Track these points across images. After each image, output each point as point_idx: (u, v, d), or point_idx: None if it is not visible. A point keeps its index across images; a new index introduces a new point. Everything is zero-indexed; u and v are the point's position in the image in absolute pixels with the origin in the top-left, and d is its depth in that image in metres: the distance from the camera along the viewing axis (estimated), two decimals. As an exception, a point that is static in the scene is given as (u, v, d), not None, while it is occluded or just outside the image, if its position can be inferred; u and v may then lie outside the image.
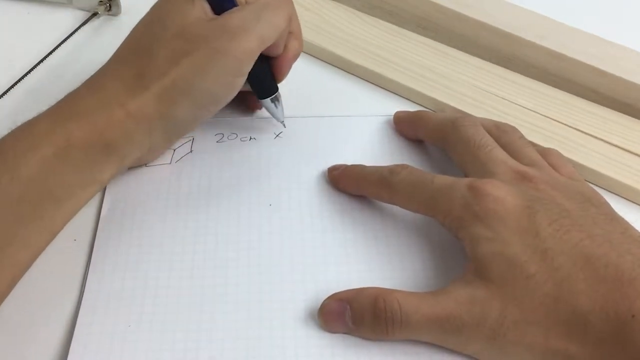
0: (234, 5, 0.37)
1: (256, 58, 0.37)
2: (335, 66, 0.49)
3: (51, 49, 0.50)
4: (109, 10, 0.53)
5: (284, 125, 0.43)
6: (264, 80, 0.41)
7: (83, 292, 0.36)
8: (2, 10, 0.54)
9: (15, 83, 0.47)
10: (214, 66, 0.36)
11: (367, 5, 0.54)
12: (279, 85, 0.42)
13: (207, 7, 0.37)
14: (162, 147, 0.40)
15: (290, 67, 0.41)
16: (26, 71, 0.48)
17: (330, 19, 0.51)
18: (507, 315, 0.31)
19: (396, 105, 0.46)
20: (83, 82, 0.38)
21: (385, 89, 0.48)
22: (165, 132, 0.38)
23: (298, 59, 0.41)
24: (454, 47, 0.49)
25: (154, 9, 0.39)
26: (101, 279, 0.36)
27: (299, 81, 0.47)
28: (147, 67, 0.36)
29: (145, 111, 0.36)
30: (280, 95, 0.42)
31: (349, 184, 0.40)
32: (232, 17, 0.37)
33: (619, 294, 0.29)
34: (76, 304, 0.35)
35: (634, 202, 0.41)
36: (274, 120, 0.44)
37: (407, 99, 0.47)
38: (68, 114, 0.36)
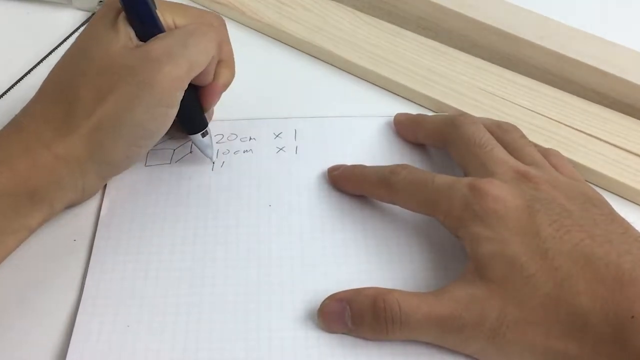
0: (160, 30, 0.36)
1: (186, 87, 0.36)
2: (335, 66, 0.49)
3: (51, 49, 0.50)
4: (109, 10, 0.53)
5: (213, 161, 0.42)
6: (192, 113, 0.39)
7: (82, 292, 0.36)
8: (2, 10, 0.54)
9: (15, 83, 0.47)
10: (142, 99, 0.34)
11: (367, 5, 0.54)
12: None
13: (132, 33, 0.35)
14: (96, 187, 0.39)
15: (219, 97, 0.39)
16: (26, 71, 0.48)
17: (330, 19, 0.51)
18: (507, 314, 0.31)
19: (396, 105, 0.46)
20: (9, 121, 0.36)
21: (385, 89, 0.48)
22: (99, 173, 0.37)
23: (298, 59, 0.41)
24: (454, 47, 0.49)
25: (77, 40, 0.37)
26: (100, 279, 0.36)
27: (299, 81, 0.48)
28: (73, 106, 0.34)
29: (74, 153, 0.34)
30: (210, 129, 0.40)
31: (349, 184, 0.40)
32: (157, 44, 0.35)
33: (619, 295, 0.29)
34: (75, 304, 0.35)
35: (634, 202, 0.41)
36: (275, 121, 0.44)
37: (407, 99, 0.47)
38: None
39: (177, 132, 0.41)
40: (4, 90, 0.47)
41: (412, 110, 0.46)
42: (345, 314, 0.33)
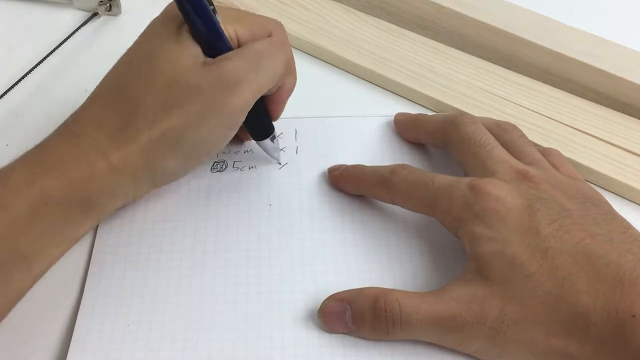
0: (229, 48, 0.35)
1: (250, 108, 0.35)
2: (335, 66, 0.49)
3: (51, 49, 0.50)
4: (109, 10, 0.53)
5: (280, 163, 0.42)
6: (260, 122, 0.39)
7: (83, 292, 0.36)
8: (2, 10, 0.54)
9: (16, 83, 0.47)
10: (208, 119, 0.34)
11: (367, 5, 0.54)
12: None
13: (198, 49, 0.34)
14: (146, 192, 0.38)
15: (285, 103, 0.39)
16: (26, 71, 0.48)
17: (330, 19, 0.51)
18: (507, 313, 0.31)
19: (396, 105, 0.46)
20: (59, 125, 0.35)
21: (385, 89, 0.48)
22: (152, 183, 0.36)
23: (298, 59, 0.41)
24: (454, 47, 0.49)
25: (138, 46, 0.36)
26: (101, 279, 0.36)
27: (299, 81, 0.47)
28: (134, 116, 0.33)
29: (130, 163, 0.33)
30: (276, 134, 0.41)
31: (349, 184, 0.40)
32: (229, 66, 0.34)
33: (620, 294, 0.29)
34: (76, 304, 0.35)
35: (634, 202, 0.41)
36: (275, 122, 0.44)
37: (407, 99, 0.47)
38: (44, 165, 0.33)
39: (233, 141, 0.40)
40: (4, 90, 0.47)
41: (412, 110, 0.46)
42: (346, 314, 0.33)
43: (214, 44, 0.34)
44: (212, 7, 0.34)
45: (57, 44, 0.50)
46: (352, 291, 0.34)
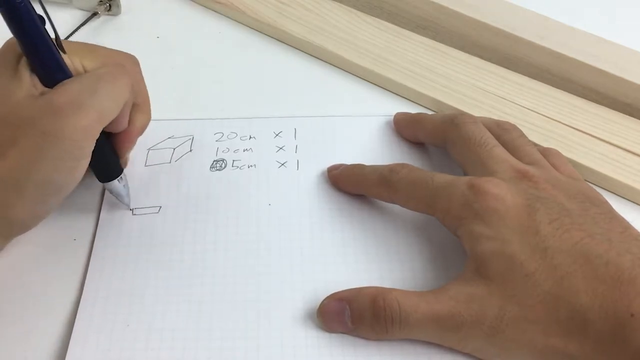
0: (67, 75, 0.32)
1: (97, 136, 0.32)
2: (335, 66, 0.49)
3: (51, 49, 0.49)
4: (109, 10, 0.53)
5: (130, 208, 0.39)
6: (106, 161, 0.36)
7: (82, 291, 0.36)
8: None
9: (15, 83, 0.47)
10: (47, 152, 0.30)
11: (367, 5, 0.54)
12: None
13: (36, 79, 0.31)
14: (1, 247, 0.35)
15: (134, 143, 0.37)
16: (26, 71, 0.48)
17: (330, 19, 0.51)
18: (506, 312, 0.31)
19: (396, 105, 0.46)
20: None
21: (385, 89, 0.48)
22: (2, 234, 0.34)
23: (298, 59, 0.41)
24: (454, 47, 0.49)
25: None
26: (100, 278, 0.36)
27: (299, 81, 0.48)
28: None
29: None
30: (125, 175, 0.38)
31: (348, 184, 0.40)
32: (62, 91, 0.31)
33: (619, 293, 0.29)
34: (75, 304, 0.35)
35: (634, 202, 0.41)
36: (274, 120, 0.44)
37: (407, 99, 0.47)
38: None
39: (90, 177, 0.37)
40: (4, 90, 0.46)
41: (412, 109, 0.46)
42: (345, 313, 0.33)
43: (51, 72, 0.32)
44: (55, 35, 0.32)
45: (57, 43, 0.50)
46: (351, 290, 0.34)
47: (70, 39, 0.51)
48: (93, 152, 0.33)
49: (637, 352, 0.28)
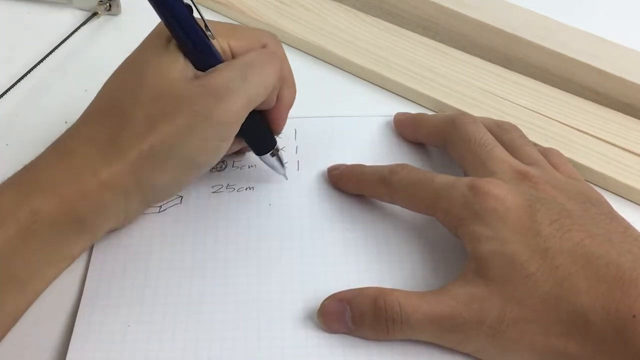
0: (219, 61, 0.34)
1: (243, 120, 0.34)
2: (335, 66, 0.49)
3: (51, 49, 0.50)
4: (109, 10, 0.53)
5: (286, 178, 0.41)
6: (260, 135, 0.38)
7: (82, 291, 0.35)
8: (2, 10, 0.54)
9: (16, 83, 0.47)
10: (197, 131, 0.33)
11: (367, 5, 0.54)
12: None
13: (187, 63, 0.34)
14: (139, 213, 0.37)
15: (286, 118, 0.39)
16: (26, 71, 0.48)
17: (330, 19, 0.51)
18: (507, 313, 0.31)
19: (396, 105, 0.46)
20: (52, 143, 0.34)
21: (385, 89, 0.48)
22: (144, 200, 0.36)
23: (298, 59, 0.41)
24: (454, 47, 0.49)
25: (129, 61, 0.35)
26: (100, 278, 0.36)
27: (299, 81, 0.47)
28: (123, 130, 0.33)
29: (120, 180, 0.33)
30: (279, 147, 0.40)
31: (349, 184, 0.40)
32: (216, 76, 0.33)
33: (620, 294, 0.29)
34: (75, 304, 0.35)
35: (634, 202, 0.41)
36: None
37: (407, 99, 0.47)
38: (34, 185, 0.32)
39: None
40: (4, 90, 0.47)
41: (412, 110, 0.46)
42: (346, 314, 0.33)
43: (203, 57, 0.34)
44: (203, 21, 0.34)
45: (57, 43, 0.50)
46: (352, 291, 0.34)
47: (70, 39, 0.51)
48: (247, 129, 0.35)
49: (638, 353, 0.28)
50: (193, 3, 0.33)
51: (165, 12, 0.33)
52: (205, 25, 0.34)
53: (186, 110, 0.33)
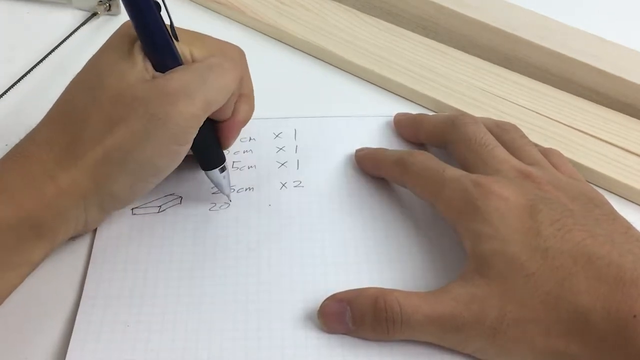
0: (179, 63, 0.34)
1: (201, 124, 0.34)
2: (335, 66, 0.49)
3: (51, 49, 0.50)
4: (109, 10, 0.53)
5: (230, 199, 0.40)
6: (209, 149, 0.37)
7: (82, 291, 0.35)
8: (2, 10, 0.54)
9: (15, 83, 0.47)
10: (153, 134, 0.32)
11: (367, 5, 0.54)
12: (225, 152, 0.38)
13: (147, 64, 0.33)
14: (100, 220, 0.37)
15: (238, 133, 0.38)
16: (26, 71, 0.48)
17: (330, 19, 0.51)
18: (507, 313, 0.31)
19: (396, 106, 0.46)
20: (11, 148, 0.34)
21: (385, 89, 0.48)
22: (102, 207, 0.35)
23: (298, 59, 0.41)
24: (454, 47, 0.49)
25: (88, 66, 0.35)
26: (100, 278, 0.36)
27: (299, 81, 0.48)
28: (80, 135, 0.32)
29: (78, 186, 0.33)
30: (227, 165, 0.39)
31: (369, 164, 0.41)
32: (174, 78, 0.33)
33: (621, 294, 0.29)
34: (75, 304, 0.35)
35: (634, 202, 0.41)
36: (274, 121, 0.44)
37: (407, 99, 0.47)
38: None
39: (186, 166, 0.39)
40: (4, 90, 0.47)
41: (412, 110, 0.46)
42: (346, 314, 0.33)
43: (164, 59, 0.33)
44: (170, 24, 0.33)
45: (57, 43, 0.50)
46: (352, 291, 0.34)
47: (70, 39, 0.51)
48: (197, 139, 0.35)
49: (639, 353, 0.28)
50: (164, 2, 0.33)
51: (133, 5, 0.32)
52: (171, 26, 0.34)
53: (142, 113, 0.32)
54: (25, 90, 0.47)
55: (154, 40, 0.33)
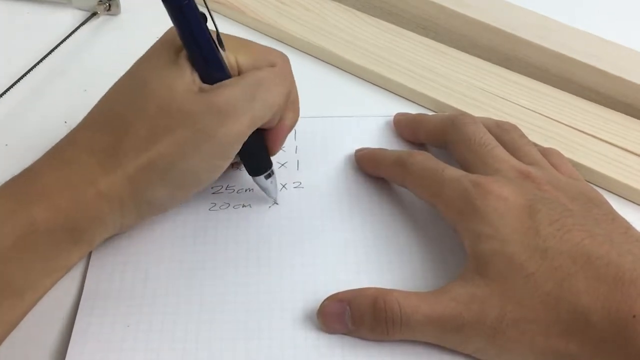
0: (227, 76, 0.34)
1: (245, 139, 0.34)
2: (336, 66, 0.49)
3: (51, 49, 0.50)
4: (109, 10, 0.53)
5: (277, 202, 0.40)
6: (257, 156, 0.37)
7: (82, 292, 0.35)
8: (2, 10, 0.54)
9: (15, 83, 0.47)
10: (199, 148, 0.32)
11: (367, 5, 0.54)
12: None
13: (195, 75, 0.33)
14: (135, 224, 0.36)
15: (284, 140, 0.38)
16: (26, 71, 0.48)
17: (330, 19, 0.51)
18: (507, 313, 0.31)
19: (396, 106, 0.46)
20: (47, 151, 0.34)
21: (385, 89, 0.48)
22: (139, 213, 0.35)
23: (298, 59, 0.41)
24: (454, 47, 0.49)
25: (134, 70, 0.35)
26: (100, 278, 0.36)
27: (299, 81, 0.47)
28: (123, 141, 0.32)
29: (118, 191, 0.33)
30: (274, 171, 0.39)
31: (369, 164, 0.41)
32: (223, 94, 0.33)
33: (620, 294, 0.29)
34: (75, 304, 0.35)
35: (634, 202, 0.41)
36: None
37: (407, 99, 0.47)
38: (31, 193, 0.31)
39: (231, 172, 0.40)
40: (3, 90, 0.46)
41: (412, 110, 0.46)
42: (345, 314, 0.33)
43: (212, 71, 0.33)
44: (216, 34, 0.33)
45: (57, 43, 0.50)
46: (352, 291, 0.34)
47: (70, 39, 0.51)
48: (245, 147, 0.34)
49: (639, 353, 0.28)
50: (209, 12, 0.32)
51: (181, 19, 0.32)
52: (218, 37, 0.33)
53: (189, 126, 0.32)
54: (25, 90, 0.47)
55: (202, 53, 0.33)
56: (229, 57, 0.34)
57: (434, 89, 0.46)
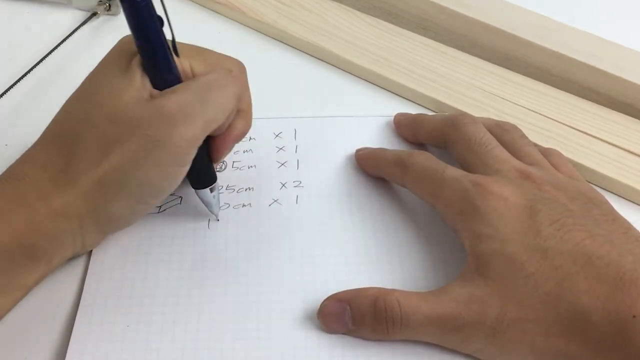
0: (178, 80, 0.33)
1: (200, 144, 0.33)
2: (335, 66, 0.49)
3: (51, 49, 0.49)
4: (109, 10, 0.53)
5: (218, 219, 0.39)
6: (201, 167, 0.36)
7: (82, 292, 0.35)
8: (2, 10, 0.54)
9: (15, 83, 0.47)
10: (151, 156, 0.31)
11: (367, 5, 0.54)
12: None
13: (147, 81, 0.32)
14: (98, 241, 0.36)
15: (231, 148, 0.36)
16: (26, 71, 0.48)
17: (330, 19, 0.51)
18: (507, 313, 0.31)
19: (396, 106, 0.46)
20: (6, 169, 0.33)
21: (385, 89, 0.48)
22: (101, 229, 0.34)
23: (298, 59, 0.41)
24: (454, 47, 0.49)
25: (85, 83, 0.34)
26: (100, 278, 0.36)
27: (299, 81, 0.48)
28: (75, 155, 0.31)
29: (74, 208, 0.32)
30: (218, 184, 0.38)
31: (369, 163, 0.41)
32: (173, 98, 0.32)
33: (620, 294, 0.29)
34: (75, 304, 0.35)
35: (634, 202, 0.41)
36: (274, 121, 0.44)
37: (407, 99, 0.47)
38: None
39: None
40: (3, 90, 0.46)
41: (412, 110, 0.46)
42: (346, 314, 0.33)
43: (163, 74, 0.32)
44: (172, 37, 0.33)
45: (57, 43, 0.50)
46: (352, 291, 0.34)
47: (70, 39, 0.51)
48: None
49: (639, 353, 0.28)
50: (167, 17, 0.32)
51: (135, 18, 0.31)
52: (173, 42, 0.33)
53: (139, 134, 0.31)
54: (25, 90, 0.47)
55: (155, 56, 0.32)
56: (183, 64, 0.33)
57: (434, 89, 0.46)
